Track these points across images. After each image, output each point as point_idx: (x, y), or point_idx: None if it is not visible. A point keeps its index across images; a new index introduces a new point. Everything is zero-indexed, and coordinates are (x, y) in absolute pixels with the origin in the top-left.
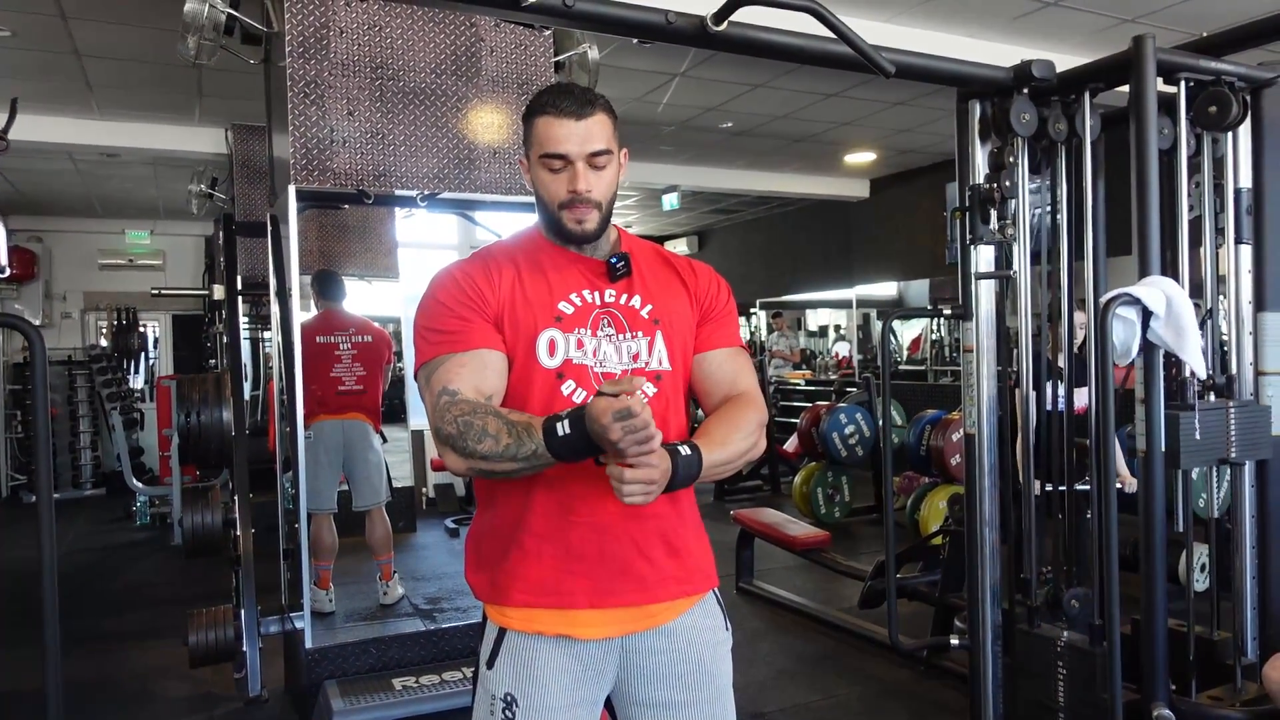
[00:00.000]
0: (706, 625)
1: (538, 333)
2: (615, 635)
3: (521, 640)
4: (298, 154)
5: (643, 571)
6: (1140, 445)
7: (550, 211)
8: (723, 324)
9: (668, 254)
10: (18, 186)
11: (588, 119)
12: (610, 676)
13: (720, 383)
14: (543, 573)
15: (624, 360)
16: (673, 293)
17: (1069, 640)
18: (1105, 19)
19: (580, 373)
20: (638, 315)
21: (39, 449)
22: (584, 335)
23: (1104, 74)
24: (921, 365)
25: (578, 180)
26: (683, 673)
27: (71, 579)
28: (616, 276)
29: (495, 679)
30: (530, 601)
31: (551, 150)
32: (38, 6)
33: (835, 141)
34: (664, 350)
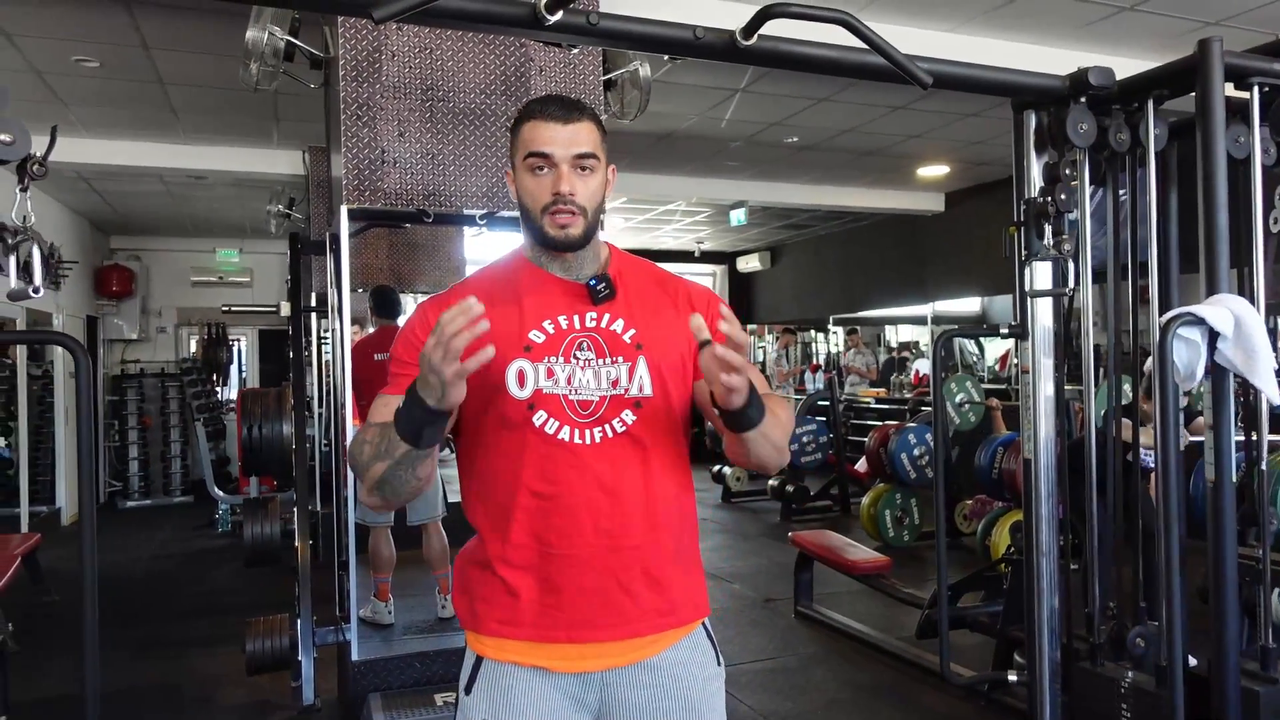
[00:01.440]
0: (695, 660)
1: (505, 365)
2: (594, 670)
3: (498, 668)
4: (350, 174)
5: (623, 605)
6: (1209, 475)
7: (532, 219)
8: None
9: (664, 276)
10: (117, 209)
11: (574, 124)
12: (592, 707)
13: None
14: (519, 604)
15: (603, 386)
16: (662, 316)
17: (1134, 681)
18: (1183, 23)
19: (552, 403)
20: (619, 339)
21: (81, 462)
22: (554, 364)
23: (1168, 80)
24: (1005, 385)
25: (561, 182)
26: (669, 710)
27: (150, 584)
28: (599, 299)
29: (473, 705)
30: (505, 632)
31: (535, 149)
32: (122, 38)
33: (906, 155)
34: (646, 376)
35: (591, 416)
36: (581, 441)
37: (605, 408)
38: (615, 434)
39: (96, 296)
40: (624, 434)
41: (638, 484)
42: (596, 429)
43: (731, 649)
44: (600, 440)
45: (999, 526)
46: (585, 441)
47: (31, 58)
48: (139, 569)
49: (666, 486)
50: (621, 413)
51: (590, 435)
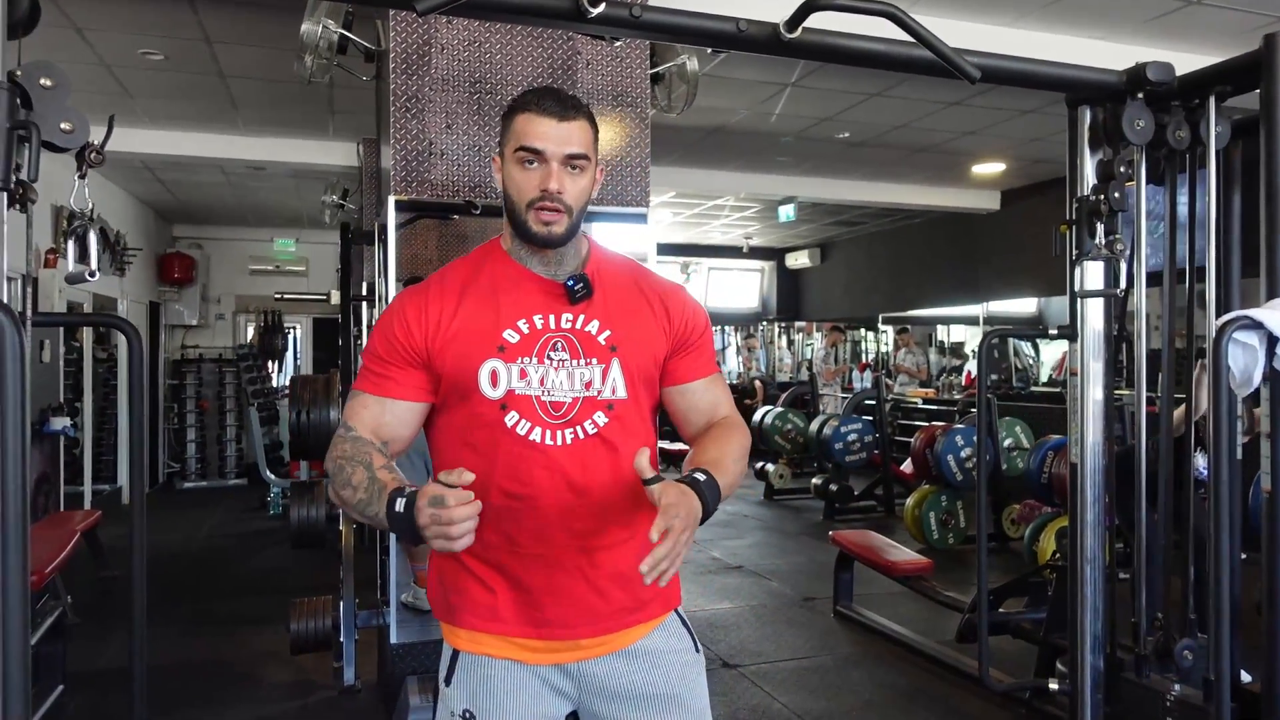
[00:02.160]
0: (671, 647)
1: (479, 364)
2: (567, 662)
3: (474, 660)
4: (398, 166)
5: (593, 604)
6: (1265, 484)
7: (517, 212)
8: (700, 352)
9: (643, 276)
10: (179, 198)
11: (570, 122)
12: (571, 694)
13: (702, 412)
14: (491, 600)
15: (575, 388)
16: (638, 318)
17: (1180, 695)
18: (1252, 17)
19: (524, 403)
20: (594, 341)
21: (132, 443)
22: (528, 364)
23: (1231, 76)
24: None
25: (550, 179)
26: (649, 695)
27: (204, 563)
28: (575, 299)
29: (453, 696)
30: (479, 626)
31: (528, 144)
32: (185, 32)
33: (960, 151)
34: (619, 378)
35: (563, 418)
36: (553, 443)
37: (578, 409)
38: (587, 435)
39: (159, 283)
40: (595, 436)
41: (609, 485)
42: (568, 430)
43: (768, 646)
44: (572, 441)
45: (1047, 532)
46: (557, 443)
47: (101, 51)
48: (193, 547)
49: (637, 487)
50: (594, 414)
51: (562, 436)
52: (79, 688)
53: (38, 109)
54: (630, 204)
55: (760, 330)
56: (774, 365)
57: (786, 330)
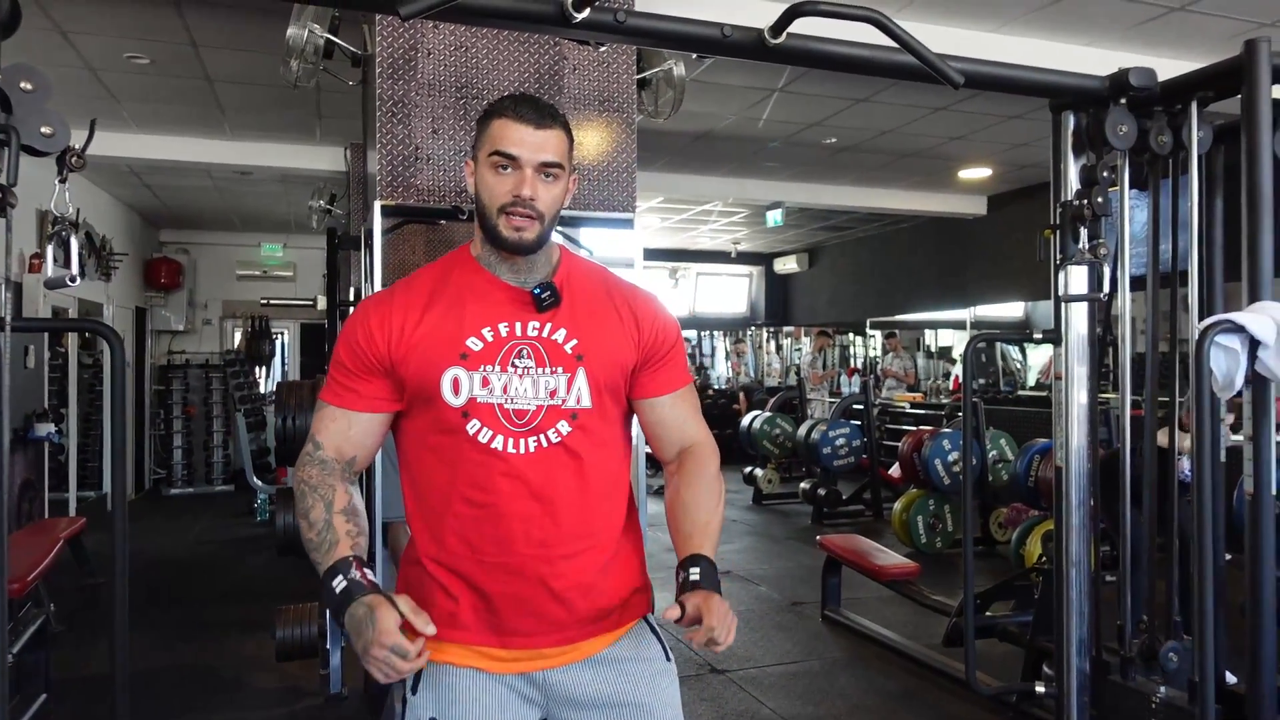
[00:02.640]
0: (639, 655)
1: (441, 371)
2: (531, 671)
3: (437, 668)
4: (383, 171)
5: (556, 614)
6: (1248, 486)
7: (488, 215)
8: (669, 365)
9: (614, 285)
10: (166, 203)
11: (546, 130)
12: (539, 702)
13: (671, 428)
14: (451, 607)
15: (540, 396)
16: (605, 326)
17: (1165, 697)
18: (1235, 24)
19: (486, 411)
20: (560, 349)
21: (115, 449)
22: (490, 372)
23: (1213, 81)
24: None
25: (524, 185)
26: (617, 704)
27: (190, 570)
28: (542, 307)
29: (420, 704)
30: (442, 634)
31: (503, 149)
32: (170, 36)
33: (947, 157)
34: (584, 387)
35: (526, 426)
36: (515, 451)
37: (541, 418)
38: (550, 444)
39: (145, 288)
40: (559, 444)
41: (572, 495)
42: (531, 439)
43: (756, 651)
44: (535, 450)
45: (1034, 535)
46: (519, 451)
47: (87, 55)
48: (179, 554)
49: (603, 496)
50: (557, 423)
51: (525, 445)
52: (63, 696)
53: (17, 113)
54: (617, 209)
55: (749, 335)
56: (762, 370)
57: (775, 335)
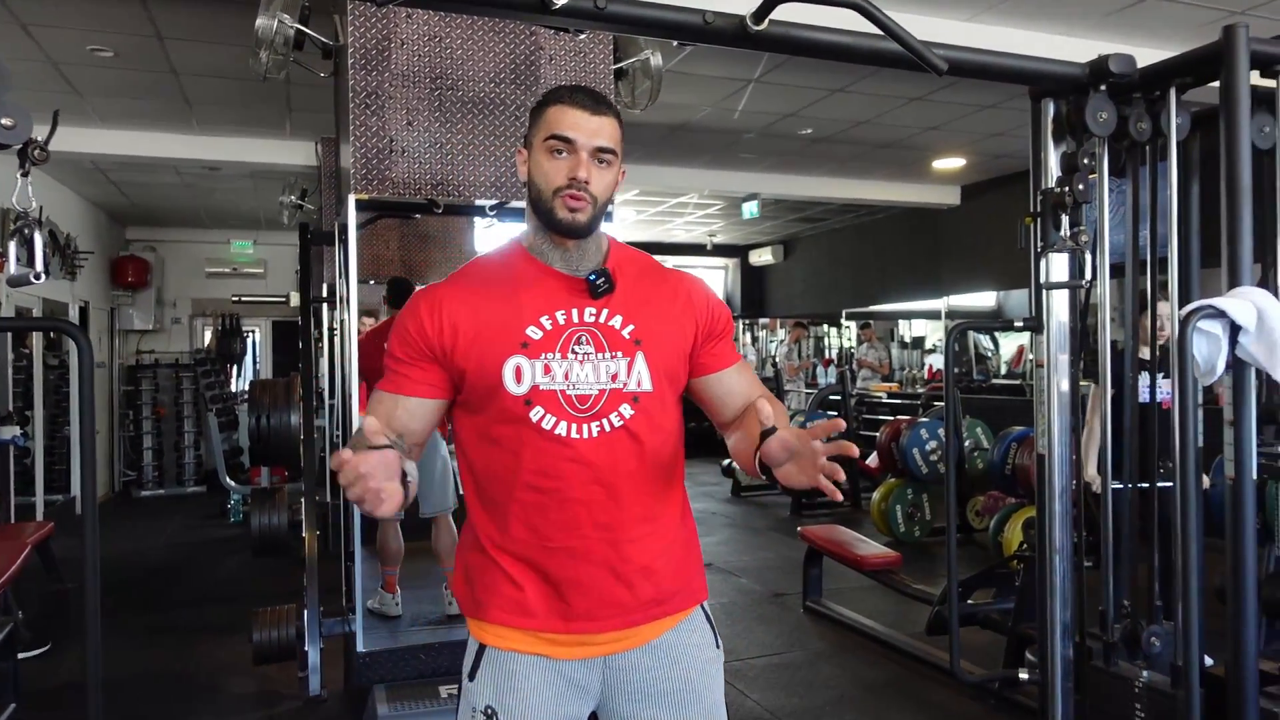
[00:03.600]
0: (693, 642)
1: (502, 361)
2: (595, 656)
3: (501, 655)
4: (358, 164)
5: (620, 597)
6: (1228, 471)
7: (544, 199)
8: (727, 341)
9: (662, 270)
10: (133, 199)
11: (601, 116)
12: (594, 693)
13: (739, 395)
14: (519, 595)
15: (601, 380)
16: (660, 311)
17: (1149, 681)
18: (1210, 12)
19: (549, 398)
20: (617, 335)
21: (84, 451)
22: (552, 360)
23: (1191, 68)
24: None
25: (580, 167)
26: (668, 690)
27: (163, 573)
28: (598, 294)
29: (476, 691)
30: (506, 620)
31: (559, 132)
32: (135, 28)
33: (922, 147)
34: (644, 371)
35: (589, 411)
36: (579, 436)
37: (603, 402)
38: (613, 428)
39: (112, 287)
40: (621, 428)
41: (634, 478)
42: (594, 424)
43: (739, 644)
44: (598, 435)
45: (1011, 523)
46: (583, 436)
47: (47, 48)
48: (151, 557)
49: (661, 479)
50: (619, 407)
51: (588, 430)
52: (33, 705)
53: None
54: None
55: None
56: None
57: (750, 327)
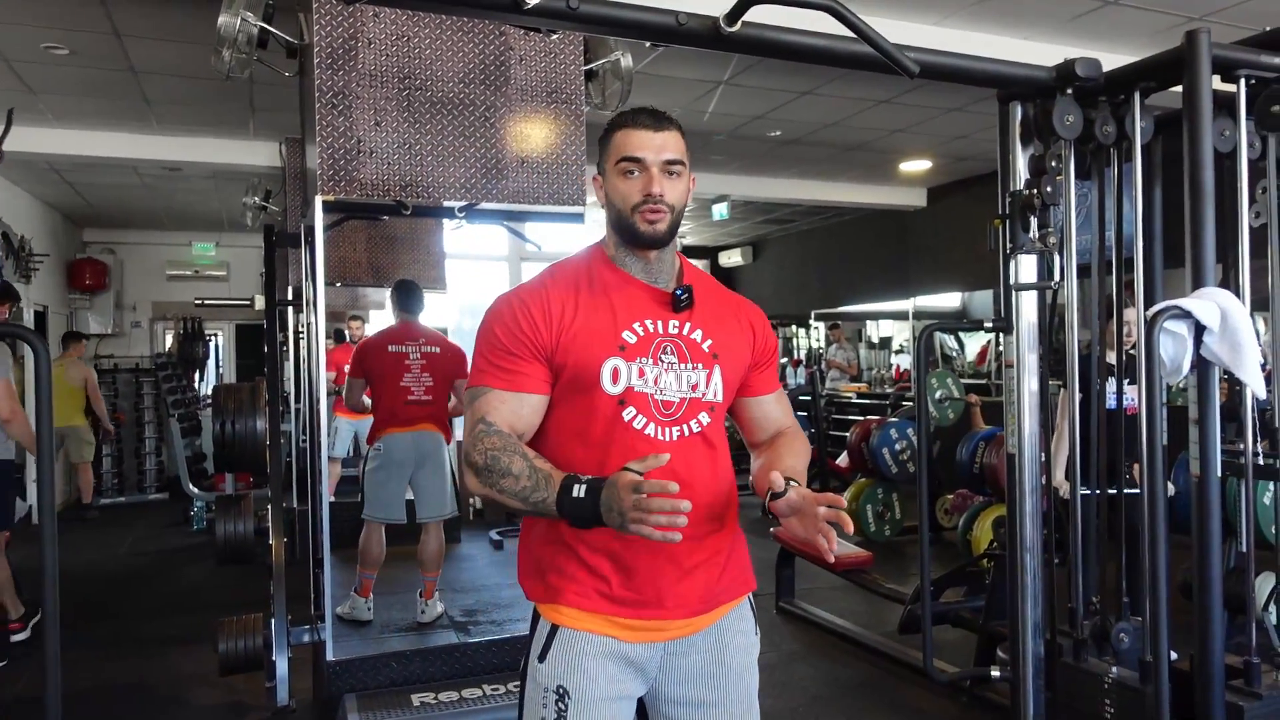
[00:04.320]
0: (740, 628)
1: (602, 361)
2: (659, 640)
3: (573, 636)
4: (325, 164)
5: (687, 587)
6: (1194, 469)
7: (624, 217)
8: (772, 369)
9: (727, 292)
10: (90, 201)
11: (665, 131)
12: (650, 673)
13: (772, 421)
14: (595, 581)
15: (683, 389)
16: (730, 330)
17: (1117, 677)
18: (1168, 18)
19: (641, 400)
20: (699, 347)
21: (41, 459)
22: (645, 364)
23: (1155, 72)
24: (984, 379)
25: (652, 184)
26: (715, 673)
27: (124, 583)
28: (680, 308)
29: (547, 672)
30: (583, 604)
31: (629, 154)
32: (92, 25)
33: (889, 150)
34: (720, 383)
35: (672, 416)
36: (664, 438)
37: (684, 409)
38: (691, 433)
39: (69, 290)
40: (698, 434)
41: (707, 479)
42: (675, 428)
43: None
44: (678, 439)
45: (980, 521)
46: (667, 439)
47: (1, 45)
48: (112, 566)
49: (726, 483)
50: (698, 415)
51: (670, 433)
52: None
53: None
54: (566, 203)
55: None
56: None
57: None
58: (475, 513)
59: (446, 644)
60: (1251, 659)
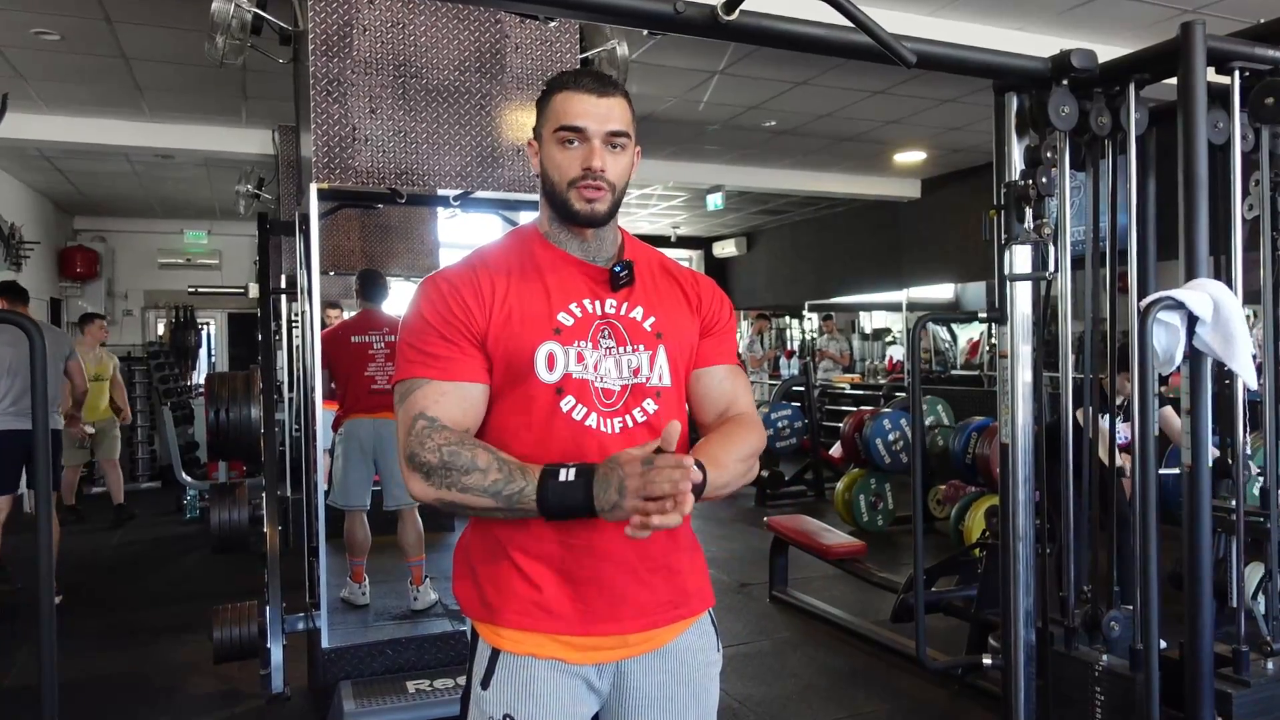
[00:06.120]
0: (700, 646)
1: (535, 346)
2: (611, 660)
3: (516, 661)
4: (320, 152)
5: (640, 598)
6: (1185, 460)
7: (558, 191)
8: (723, 340)
9: (670, 263)
10: (81, 188)
11: (609, 98)
12: (603, 692)
13: (719, 400)
14: (536, 596)
15: (624, 375)
16: (675, 305)
17: (1108, 665)
18: (1161, 9)
19: (580, 388)
20: (639, 327)
21: (37, 447)
22: (584, 348)
23: (1150, 64)
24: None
25: (593, 156)
26: (674, 695)
27: (118, 572)
28: (619, 285)
29: (492, 700)
30: (525, 624)
31: (569, 123)
32: (83, 11)
33: (883, 140)
34: (665, 365)
35: (613, 405)
36: (607, 430)
37: (627, 397)
38: (636, 424)
39: (60, 278)
40: (644, 424)
41: None
42: (618, 419)
43: None
44: (621, 430)
45: (972, 511)
46: (610, 430)
47: None
48: (105, 555)
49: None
50: (643, 402)
51: (613, 424)
52: None
53: None
54: None
55: None
56: None
57: None
58: None
59: (441, 631)
60: (1240, 647)
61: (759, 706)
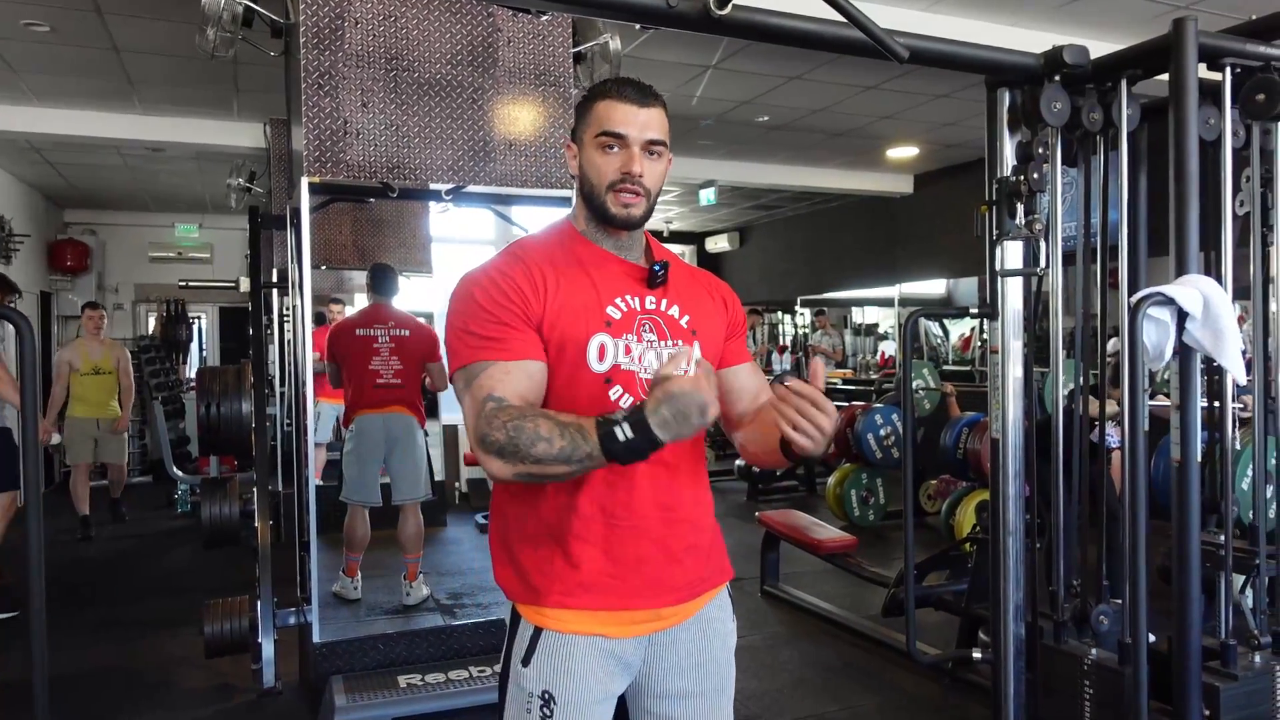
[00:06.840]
0: (719, 617)
1: (589, 336)
2: (646, 634)
3: (558, 639)
4: (311, 145)
5: (675, 574)
6: (1175, 454)
7: (596, 194)
8: (743, 340)
9: (691, 267)
10: (71, 181)
11: (650, 108)
12: (635, 667)
13: (748, 391)
14: (582, 577)
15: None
16: (704, 305)
17: (1097, 658)
18: (1154, 6)
19: (628, 379)
20: (677, 324)
21: (27, 441)
22: (631, 341)
23: (1142, 60)
24: (968, 366)
25: (633, 162)
26: (698, 663)
27: (108, 565)
28: (655, 283)
29: (532, 677)
30: (568, 603)
31: (611, 129)
32: (73, 2)
33: (876, 136)
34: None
35: None
36: None
37: None
38: None
39: (50, 271)
40: None
41: (688, 460)
42: None
43: None
44: None
45: (963, 506)
46: None
47: None
48: (96, 550)
49: (703, 463)
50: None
51: None
52: None
53: None
54: (554, 186)
55: None
56: None
57: None
58: (460, 496)
59: (432, 626)
60: (1228, 641)
61: (751, 700)
